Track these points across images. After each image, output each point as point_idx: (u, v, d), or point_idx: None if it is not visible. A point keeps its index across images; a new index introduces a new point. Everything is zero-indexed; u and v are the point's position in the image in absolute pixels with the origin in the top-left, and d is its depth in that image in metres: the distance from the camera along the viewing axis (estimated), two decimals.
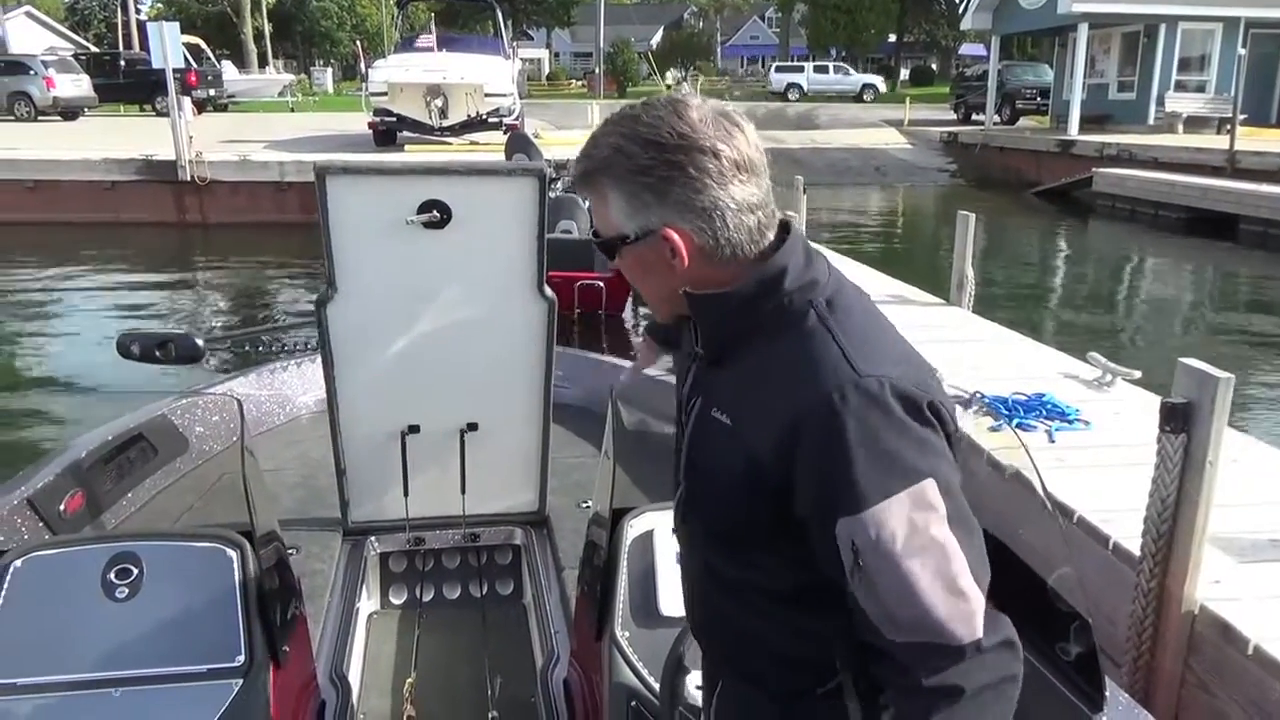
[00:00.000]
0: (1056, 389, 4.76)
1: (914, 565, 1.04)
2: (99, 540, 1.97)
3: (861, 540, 1.04)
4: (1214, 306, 11.46)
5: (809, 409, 1.07)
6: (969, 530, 1.09)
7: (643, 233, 1.14)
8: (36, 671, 1.73)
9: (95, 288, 11.79)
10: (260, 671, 1.78)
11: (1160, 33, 22.06)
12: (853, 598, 1.08)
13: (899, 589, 1.04)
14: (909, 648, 1.06)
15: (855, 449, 1.04)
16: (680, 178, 1.09)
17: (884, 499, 1.04)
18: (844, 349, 1.09)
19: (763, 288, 1.13)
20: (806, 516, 1.10)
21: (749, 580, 1.21)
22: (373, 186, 2.60)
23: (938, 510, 1.05)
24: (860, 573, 1.06)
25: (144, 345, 2.90)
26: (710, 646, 1.36)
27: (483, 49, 18.97)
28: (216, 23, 44.03)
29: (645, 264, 1.17)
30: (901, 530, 1.04)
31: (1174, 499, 2.74)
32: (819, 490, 1.07)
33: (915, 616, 1.04)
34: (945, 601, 1.04)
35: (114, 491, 2.97)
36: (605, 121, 1.16)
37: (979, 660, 1.05)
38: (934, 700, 1.05)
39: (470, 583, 3.13)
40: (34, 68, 24.95)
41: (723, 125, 1.10)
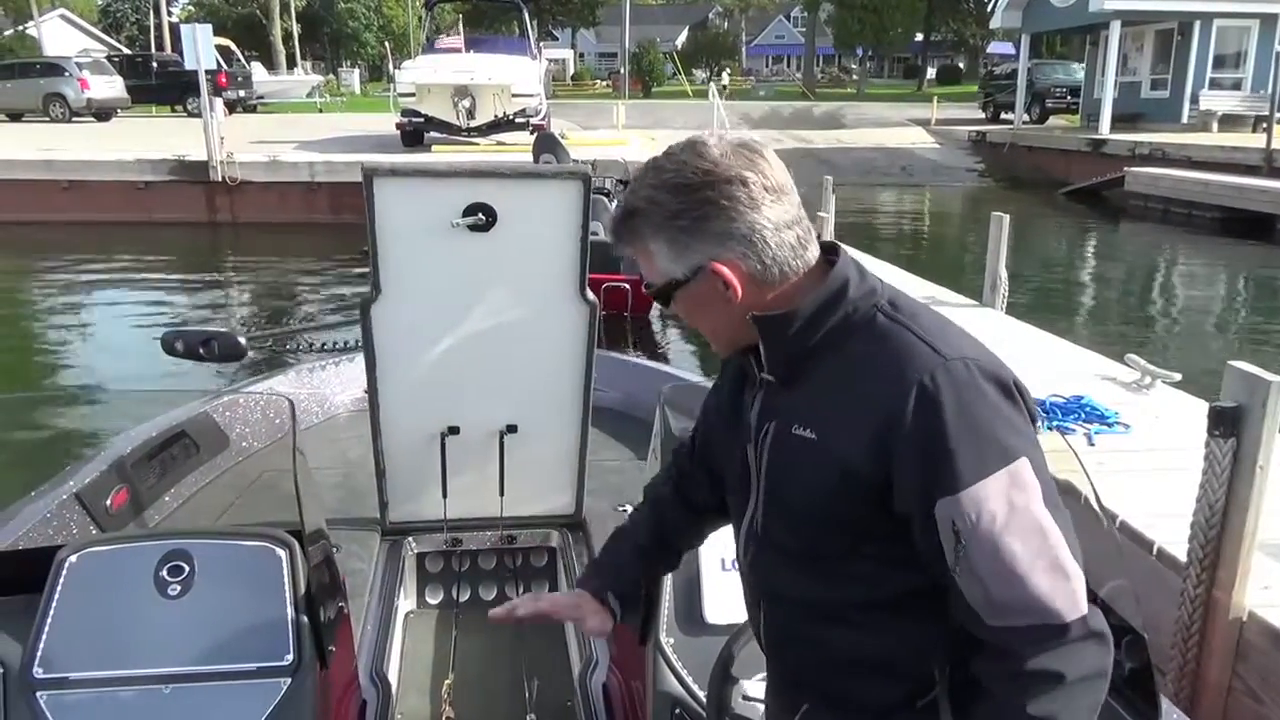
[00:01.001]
0: (1094, 391, 4.71)
1: (1015, 544, 1.05)
2: (152, 537, 1.98)
3: (961, 521, 1.06)
4: (1252, 308, 11.28)
5: (900, 399, 1.08)
6: (1061, 511, 1.09)
7: (692, 272, 1.16)
8: (88, 666, 1.74)
9: (131, 286, 11.97)
10: (308, 670, 1.79)
11: (1195, 29, 21.74)
12: (954, 585, 1.09)
13: (1001, 569, 1.05)
14: (1010, 632, 1.06)
15: (950, 431, 1.06)
16: (714, 211, 1.12)
17: (982, 479, 1.05)
18: (923, 338, 1.12)
19: (829, 301, 1.16)
20: (907, 509, 1.10)
21: (846, 596, 1.19)
22: (419, 189, 2.60)
23: (1034, 489, 1.06)
24: (962, 555, 1.06)
25: (188, 342, 2.92)
26: (795, 671, 1.32)
27: (509, 49, 19.03)
28: (246, 24, 44.47)
29: (702, 302, 1.19)
30: (1001, 509, 1.05)
31: (1222, 504, 2.70)
32: (917, 476, 1.08)
33: (1017, 597, 1.05)
34: (1048, 579, 1.05)
35: (157, 488, 3.00)
36: (634, 179, 1.21)
37: (1080, 646, 1.06)
38: (1035, 684, 1.06)
39: (506, 584, 3.13)
40: (69, 69, 25.32)
41: (743, 154, 1.14)
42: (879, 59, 61.12)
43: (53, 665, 1.73)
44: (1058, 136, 23.08)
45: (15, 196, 14.99)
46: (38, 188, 15.21)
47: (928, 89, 43.95)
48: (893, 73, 64.39)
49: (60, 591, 1.79)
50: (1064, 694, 1.06)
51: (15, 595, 1.88)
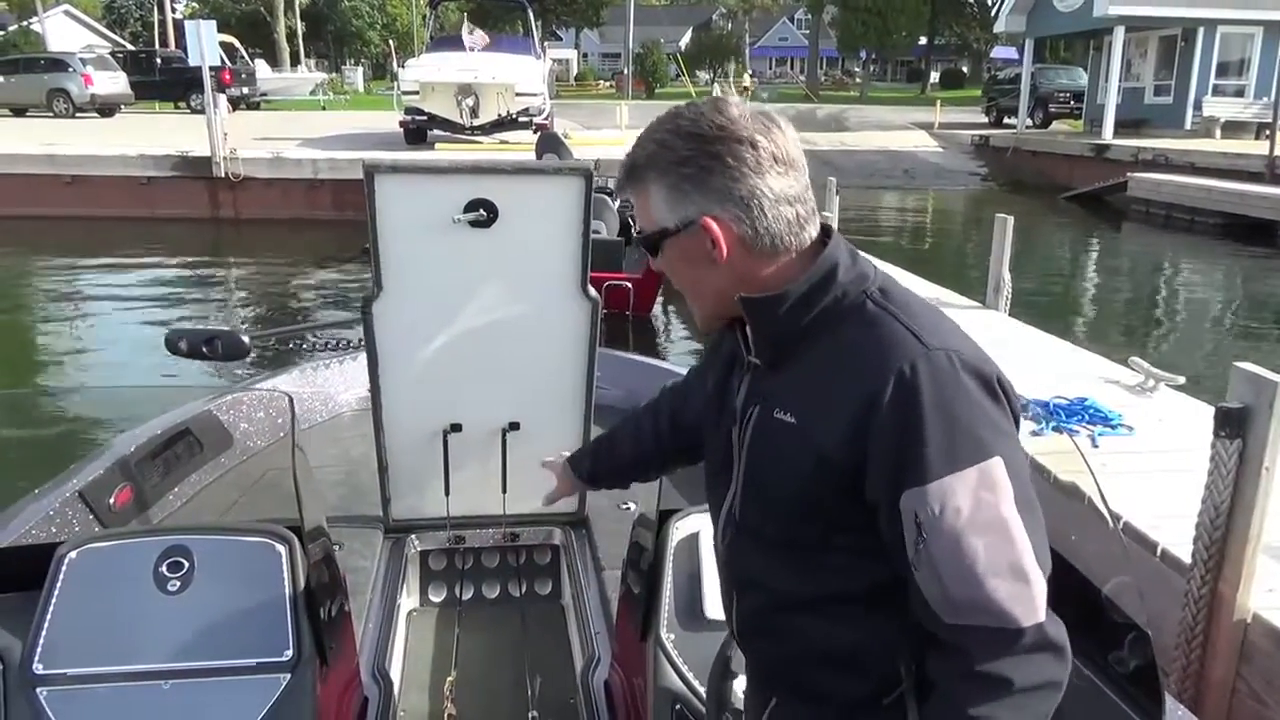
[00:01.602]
0: (1097, 393, 4.70)
1: (976, 543, 1.03)
2: (151, 533, 1.98)
3: (924, 514, 1.03)
4: (1253, 314, 11.27)
5: (878, 385, 1.06)
6: (1033, 514, 1.07)
7: (683, 224, 1.15)
8: (87, 662, 1.73)
9: (134, 282, 11.96)
10: (307, 667, 1.78)
11: (1199, 36, 21.73)
12: (912, 579, 1.07)
13: (959, 567, 1.03)
14: (965, 631, 1.05)
15: (926, 420, 1.04)
16: (719, 167, 1.11)
17: (950, 473, 1.03)
18: (909, 327, 1.10)
19: (817, 284, 1.14)
20: (876, 497, 1.09)
21: (817, 585, 1.18)
22: (420, 185, 2.60)
23: (1004, 490, 1.04)
24: (921, 549, 1.04)
25: (191, 341, 2.92)
26: (764, 661, 1.31)
27: (514, 49, 19.03)
28: (250, 22, 44.52)
29: (688, 258, 1.18)
30: (966, 506, 1.03)
31: (1228, 505, 2.69)
32: (887, 464, 1.06)
33: (974, 597, 1.03)
34: (1006, 583, 1.03)
35: (161, 486, 3.00)
36: (651, 123, 1.19)
37: (1033, 655, 1.04)
38: (982, 687, 1.04)
39: (509, 582, 3.13)
40: (72, 65, 25.31)
41: (761, 120, 1.13)
42: (882, 62, 61.16)
43: (53, 661, 1.73)
44: (1061, 141, 23.06)
45: (18, 191, 15.00)
46: (41, 182, 15.21)
47: (931, 93, 43.99)
48: (896, 76, 64.45)
49: (60, 587, 1.79)
50: (1010, 701, 1.04)
51: (16, 591, 1.88)
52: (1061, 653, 1.07)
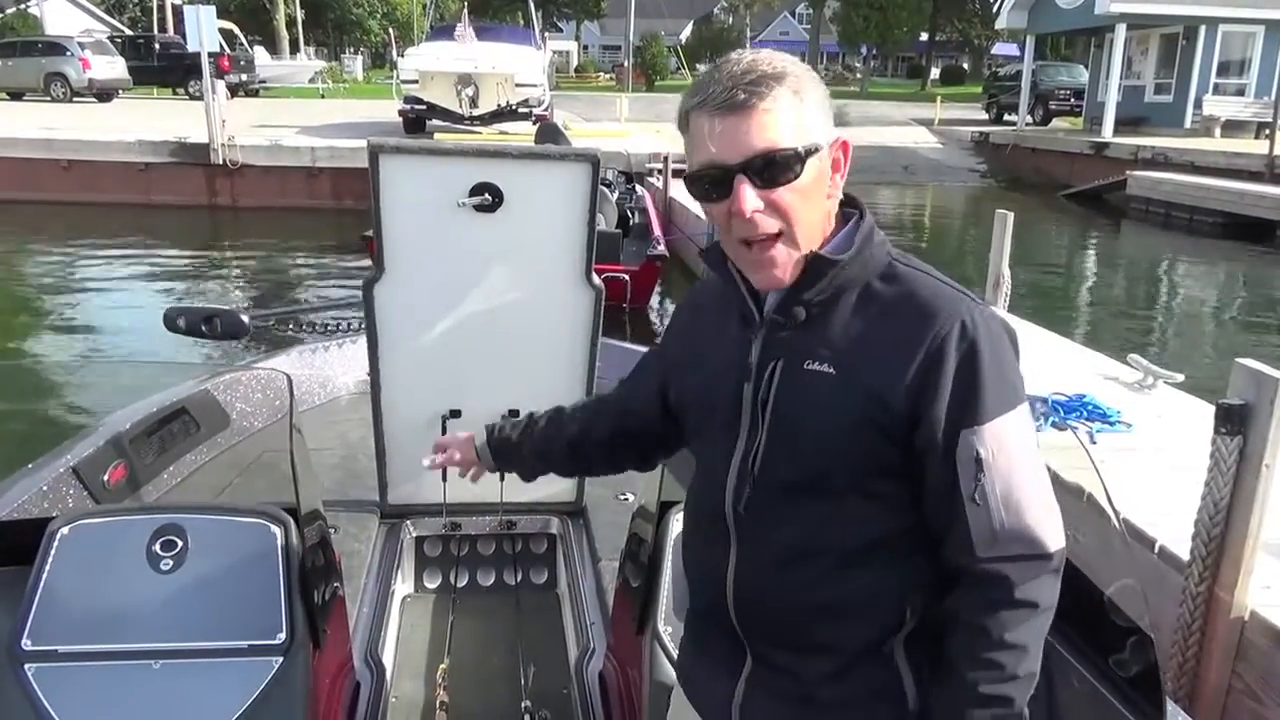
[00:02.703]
0: (1096, 390, 4.70)
1: (1028, 475, 1.15)
2: (145, 511, 1.96)
3: (984, 450, 1.13)
4: (1252, 312, 11.29)
5: (944, 335, 1.15)
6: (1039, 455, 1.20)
7: (830, 141, 1.18)
8: (77, 639, 1.72)
9: (130, 266, 11.94)
10: (300, 650, 1.77)
11: (1200, 35, 21.72)
12: (961, 516, 1.15)
13: (1011, 498, 1.14)
14: (1002, 562, 1.14)
15: (985, 367, 1.14)
16: (829, 106, 1.19)
17: (1002, 414, 1.14)
18: (947, 284, 1.21)
19: (863, 247, 1.22)
20: (928, 439, 1.15)
21: (834, 534, 1.21)
22: (425, 167, 2.58)
23: (1032, 430, 1.18)
24: (982, 481, 1.14)
25: (190, 319, 2.90)
26: (757, 621, 1.29)
27: (514, 39, 18.99)
28: (249, 8, 44.26)
29: (821, 179, 1.18)
30: (1015, 444, 1.15)
31: (1227, 502, 2.68)
32: (950, 406, 1.14)
33: (1018, 526, 1.14)
34: (1042, 513, 1.15)
35: (156, 464, 2.98)
36: (736, 53, 1.17)
37: (1054, 578, 1.16)
38: (1016, 612, 1.13)
39: (505, 570, 3.12)
40: (70, 49, 25.19)
41: None
42: (883, 58, 61.03)
43: (42, 637, 1.71)
44: (1060, 139, 23.05)
45: (15, 174, 14.96)
46: (38, 166, 15.17)
47: (931, 89, 43.90)
48: (897, 72, 64.35)
49: (51, 563, 1.77)
50: (1035, 622, 1.15)
51: (6, 566, 1.86)
52: (1060, 576, 1.18)
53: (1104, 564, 2.09)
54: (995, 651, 1.13)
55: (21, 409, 6.00)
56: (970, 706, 1.15)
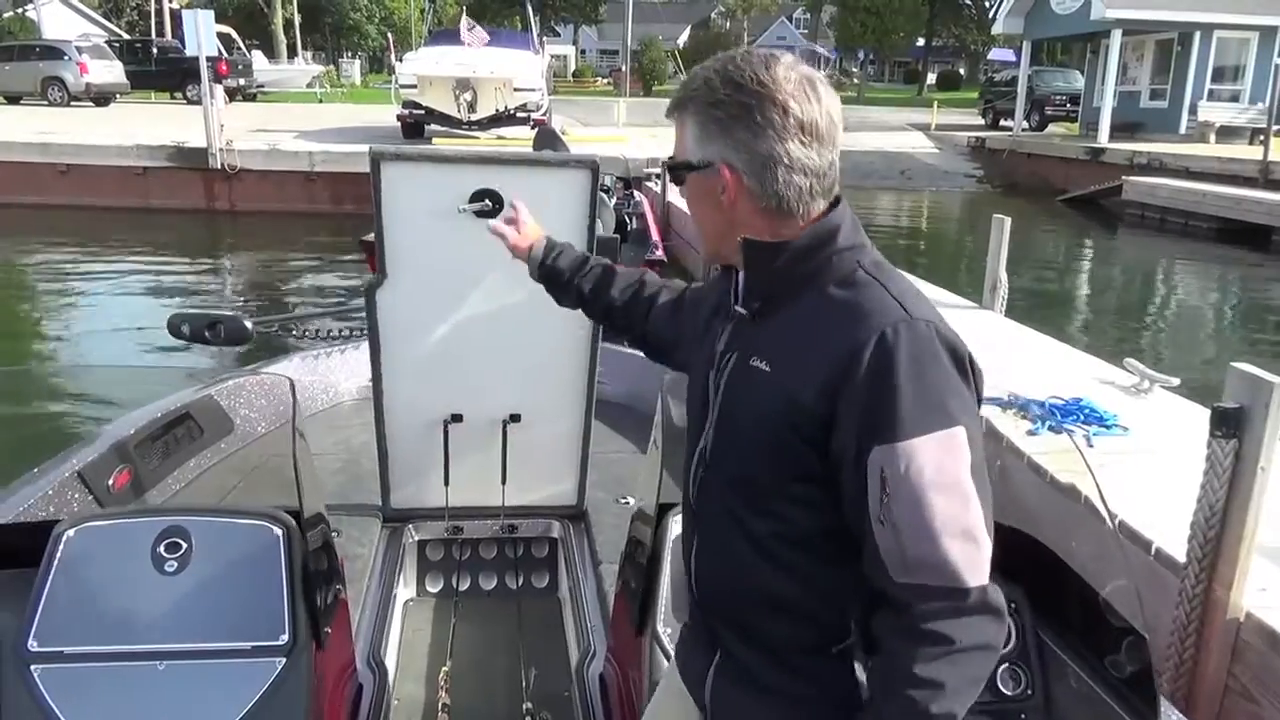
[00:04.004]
0: (1093, 394, 4.71)
1: (937, 500, 1.08)
2: (150, 513, 1.97)
3: (891, 470, 1.09)
4: (1247, 317, 11.33)
5: (861, 343, 1.12)
6: (985, 486, 1.13)
7: (703, 163, 1.22)
8: (83, 641, 1.73)
9: (130, 271, 11.93)
10: (303, 652, 1.78)
11: (1195, 41, 21.80)
12: (870, 535, 1.12)
13: (918, 522, 1.08)
14: (914, 590, 1.10)
15: (902, 382, 1.10)
16: (746, 120, 1.16)
17: (920, 435, 1.09)
18: (894, 296, 1.16)
19: (816, 241, 1.20)
20: (841, 450, 1.14)
21: (772, 529, 1.23)
22: (426, 173, 2.60)
23: (964, 457, 1.11)
24: (885, 503, 1.10)
25: (194, 326, 2.92)
26: (716, 607, 1.35)
27: (512, 43, 19.00)
28: (247, 12, 44.29)
29: (701, 194, 1.25)
30: (930, 467, 1.08)
31: (1222, 505, 2.70)
32: (860, 419, 1.11)
33: (928, 554, 1.08)
34: (959, 543, 1.09)
35: (160, 469, 2.99)
36: (712, 59, 1.25)
37: (976, 616, 1.10)
38: (927, 644, 1.09)
39: (506, 574, 3.13)
40: (68, 53, 25.18)
41: (804, 87, 1.17)
42: (879, 63, 61.17)
43: (47, 639, 1.72)
44: (1056, 144, 23.11)
45: (12, 178, 14.94)
46: (35, 170, 15.16)
47: (928, 94, 43.99)
48: (893, 77, 64.47)
49: (57, 565, 1.78)
50: (953, 660, 1.09)
51: (13, 569, 1.87)
52: (1000, 618, 1.12)
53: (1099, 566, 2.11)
54: (906, 685, 1.10)
55: (26, 413, 6.00)
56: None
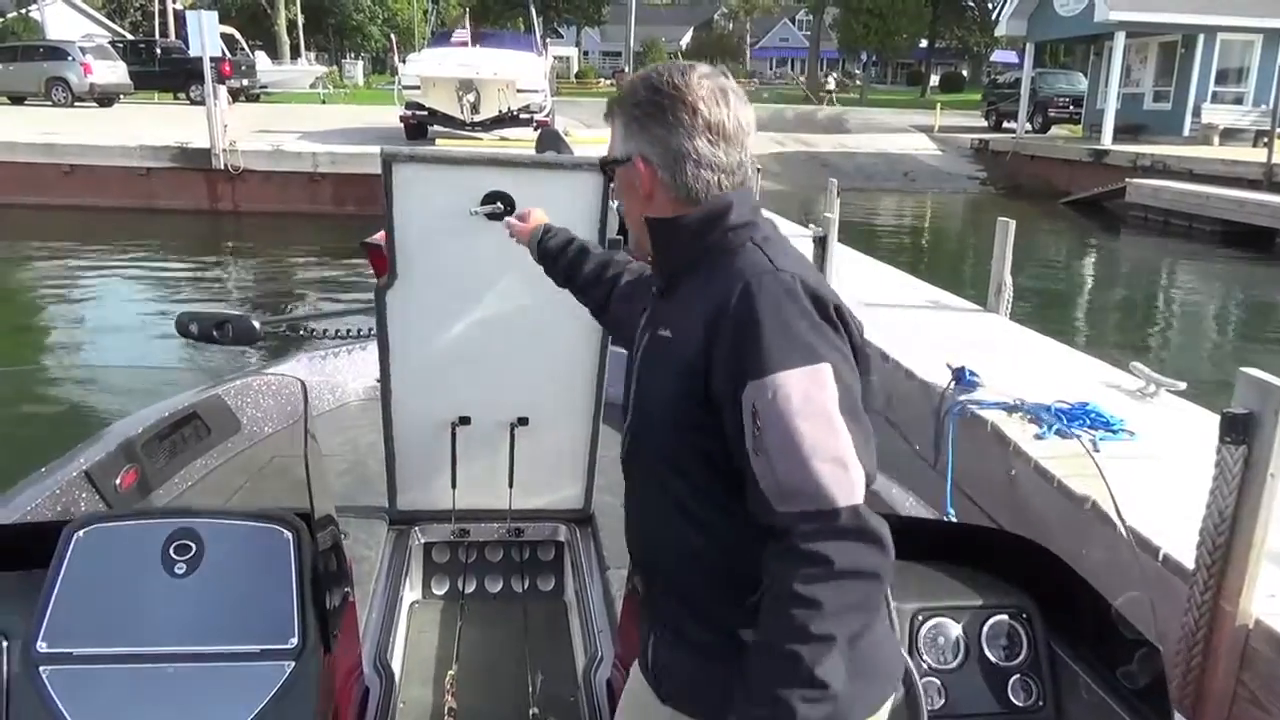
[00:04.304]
0: (1098, 398, 4.71)
1: (803, 427, 1.16)
2: (161, 515, 1.96)
3: (761, 402, 1.17)
4: (1251, 321, 11.32)
5: (729, 295, 1.23)
6: (858, 420, 1.20)
7: (625, 157, 1.37)
8: (92, 643, 1.72)
9: (134, 272, 11.96)
10: (312, 655, 1.77)
11: (1198, 43, 21.79)
12: (750, 469, 1.19)
13: (787, 448, 1.16)
14: (792, 517, 1.15)
15: (765, 324, 1.19)
16: (661, 119, 1.31)
17: (784, 369, 1.17)
18: (769, 256, 1.27)
19: (709, 216, 1.32)
20: (720, 396, 1.23)
21: (686, 488, 1.32)
22: (438, 175, 2.60)
23: (831, 391, 1.18)
24: (758, 435, 1.18)
25: (202, 325, 2.91)
26: (649, 570, 1.46)
27: (515, 45, 19.01)
28: (250, 13, 44.34)
29: (625, 186, 1.41)
30: (797, 397, 1.16)
31: (1232, 511, 2.70)
32: (731, 363, 1.21)
33: (799, 479, 1.15)
34: (828, 466, 1.15)
35: (167, 469, 2.98)
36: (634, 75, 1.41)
37: (851, 540, 1.14)
38: (805, 565, 1.14)
39: (513, 577, 3.12)
40: (72, 54, 25.20)
41: (715, 93, 1.31)
42: (882, 64, 61.15)
43: (57, 640, 1.71)
44: (1060, 146, 23.10)
45: (16, 179, 14.96)
46: (39, 171, 15.18)
47: (931, 96, 43.97)
48: (896, 79, 64.46)
49: (67, 566, 1.76)
50: (832, 582, 1.13)
51: (21, 569, 1.86)
52: (880, 545, 1.16)
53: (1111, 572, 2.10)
54: (787, 604, 1.14)
55: (33, 413, 6.00)
56: (762, 656, 1.17)
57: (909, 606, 2.03)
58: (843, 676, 1.14)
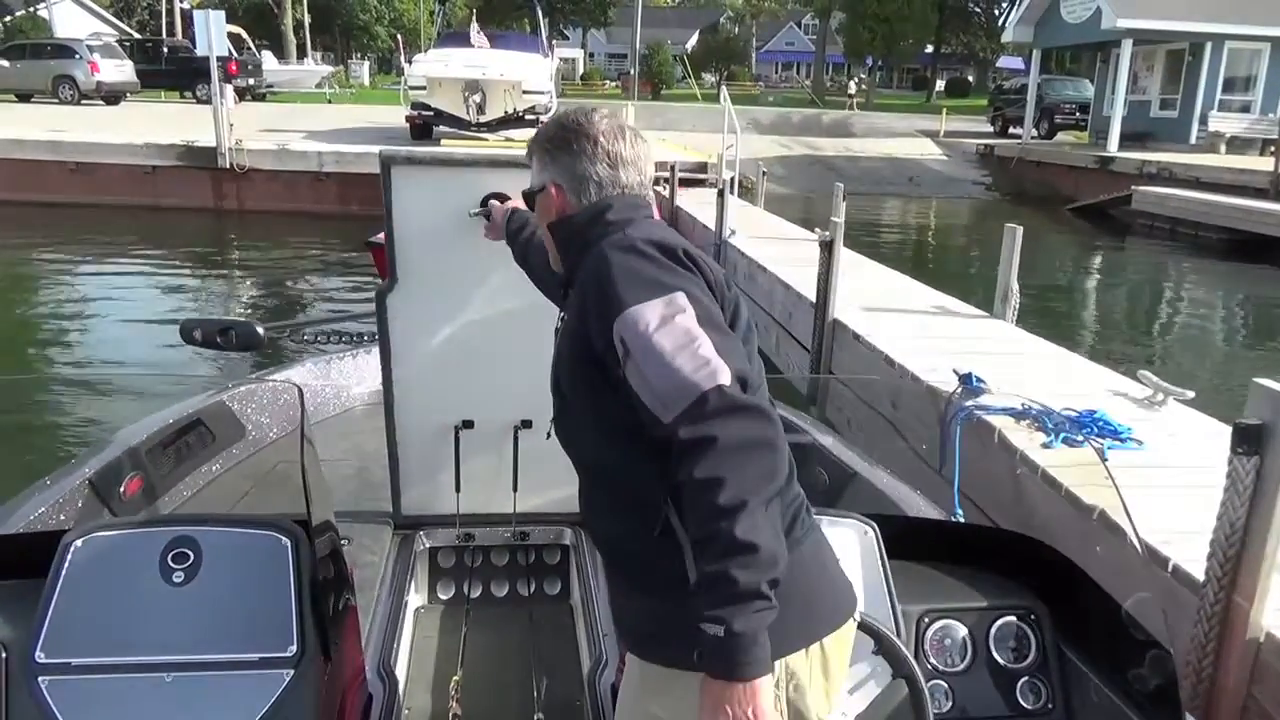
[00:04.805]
0: (1106, 406, 4.67)
1: (663, 340, 1.28)
2: (158, 523, 1.95)
3: (626, 334, 1.30)
4: (1258, 330, 11.28)
5: (588, 258, 1.44)
6: (719, 330, 1.33)
7: (540, 187, 1.58)
8: (90, 652, 1.71)
9: (140, 271, 11.96)
10: (311, 662, 1.75)
11: (1206, 51, 21.76)
12: (635, 397, 1.30)
13: (651, 362, 1.27)
14: (676, 421, 1.25)
15: (615, 274, 1.36)
16: (567, 148, 1.54)
17: (640, 303, 1.31)
18: (625, 231, 1.45)
19: (591, 214, 1.52)
20: (602, 347, 1.36)
21: (593, 441, 1.48)
22: (436, 178, 2.58)
23: (689, 310, 1.31)
24: (629, 361, 1.30)
25: (206, 331, 2.90)
26: (595, 539, 1.63)
27: (522, 46, 19.04)
28: (257, 13, 44.47)
29: (542, 211, 1.60)
30: (654, 319, 1.29)
31: (1243, 523, 2.67)
32: (597, 317, 1.36)
33: (669, 383, 1.26)
34: (689, 364, 1.26)
35: (171, 476, 2.97)
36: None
37: (726, 415, 1.23)
38: (695, 452, 1.22)
39: (518, 581, 3.11)
40: (79, 52, 25.30)
41: (614, 129, 1.54)
42: (888, 69, 61.12)
43: (55, 650, 1.70)
44: (1066, 152, 23.07)
45: (22, 176, 14.99)
46: (45, 168, 15.20)
47: (936, 101, 43.96)
48: (902, 84, 64.47)
49: (65, 576, 1.76)
50: (723, 458, 1.21)
51: (21, 579, 1.85)
52: (758, 414, 1.25)
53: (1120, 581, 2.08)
54: (694, 492, 1.22)
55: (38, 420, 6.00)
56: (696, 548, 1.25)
57: (915, 608, 2.02)
58: (769, 537, 1.21)
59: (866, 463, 3.05)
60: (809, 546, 1.46)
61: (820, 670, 1.44)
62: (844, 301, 6.70)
